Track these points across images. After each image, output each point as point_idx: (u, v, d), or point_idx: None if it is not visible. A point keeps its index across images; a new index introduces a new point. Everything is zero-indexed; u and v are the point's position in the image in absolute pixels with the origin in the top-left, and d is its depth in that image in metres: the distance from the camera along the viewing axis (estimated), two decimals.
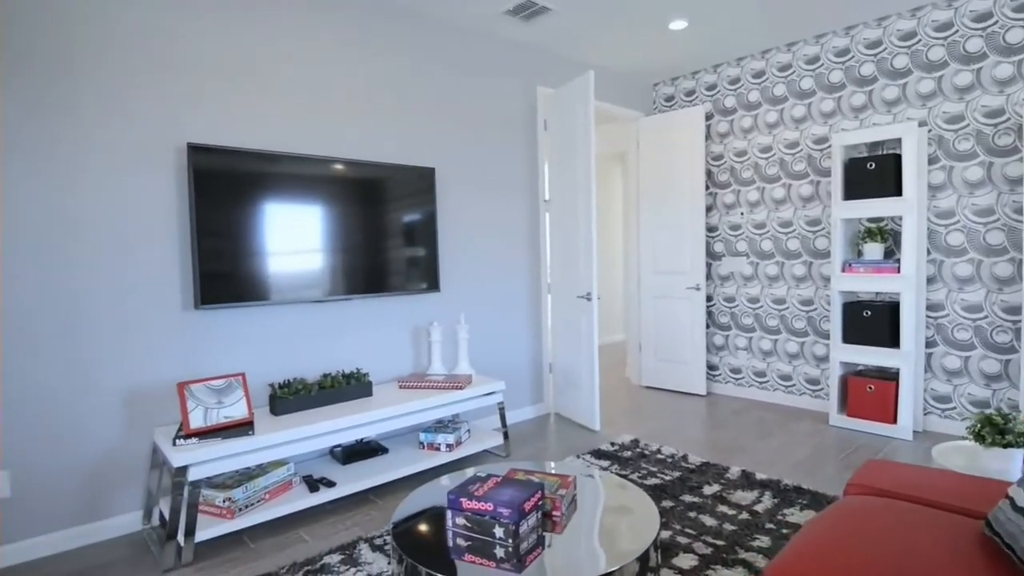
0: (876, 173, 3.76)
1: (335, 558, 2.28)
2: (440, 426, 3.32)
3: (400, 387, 3.27)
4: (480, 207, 3.94)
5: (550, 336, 4.37)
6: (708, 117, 4.89)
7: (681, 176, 4.83)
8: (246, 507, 2.49)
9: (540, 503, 1.97)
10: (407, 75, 3.55)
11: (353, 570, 2.19)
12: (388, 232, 3.33)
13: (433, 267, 3.53)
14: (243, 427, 2.52)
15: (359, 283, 3.21)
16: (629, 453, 3.40)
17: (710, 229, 4.89)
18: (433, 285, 3.53)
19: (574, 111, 3.94)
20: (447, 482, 2.30)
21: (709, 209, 4.90)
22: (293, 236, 2.96)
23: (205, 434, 2.43)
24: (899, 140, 3.83)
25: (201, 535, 2.33)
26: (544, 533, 1.95)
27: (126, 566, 2.33)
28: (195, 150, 2.66)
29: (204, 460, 2.32)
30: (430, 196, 3.51)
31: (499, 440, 3.40)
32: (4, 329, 2.32)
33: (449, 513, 1.92)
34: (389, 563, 2.25)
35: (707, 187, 4.90)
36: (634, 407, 4.50)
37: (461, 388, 3.21)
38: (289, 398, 2.78)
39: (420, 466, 3.04)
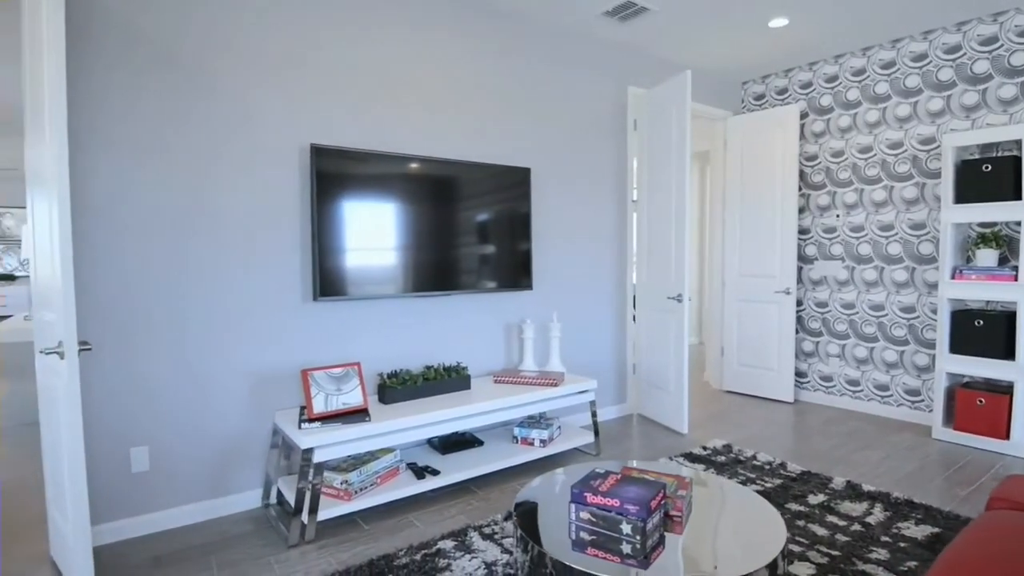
0: (992, 175, 3.56)
1: (448, 544, 2.36)
2: (532, 421, 3.37)
3: (495, 381, 3.34)
4: (569, 207, 3.96)
5: (634, 336, 4.35)
6: (802, 116, 4.75)
7: (771, 176, 4.71)
8: (360, 490, 2.60)
9: (663, 503, 1.98)
10: (503, 76, 3.61)
11: (468, 556, 2.26)
12: (487, 231, 3.40)
13: (527, 266, 3.58)
14: (359, 414, 2.63)
15: (458, 279, 3.30)
16: (723, 458, 3.35)
17: (802, 231, 4.75)
18: (526, 283, 3.58)
19: (668, 112, 3.91)
20: (561, 476, 2.34)
21: (801, 211, 4.76)
22: (400, 233, 3.07)
23: (327, 419, 2.55)
24: (1018, 142, 3.62)
25: (321, 515, 2.45)
26: (664, 533, 1.96)
27: (254, 540, 2.47)
28: (317, 151, 2.79)
29: (328, 443, 2.44)
30: (526, 196, 3.56)
31: (589, 438, 3.41)
32: (149, 314, 2.51)
33: (573, 507, 1.95)
34: (503, 552, 2.30)
35: (799, 188, 4.76)
36: (719, 412, 4.43)
37: (556, 385, 3.24)
38: (397, 388, 2.88)
39: (515, 460, 3.09)
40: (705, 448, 3.52)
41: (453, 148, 3.40)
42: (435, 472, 2.85)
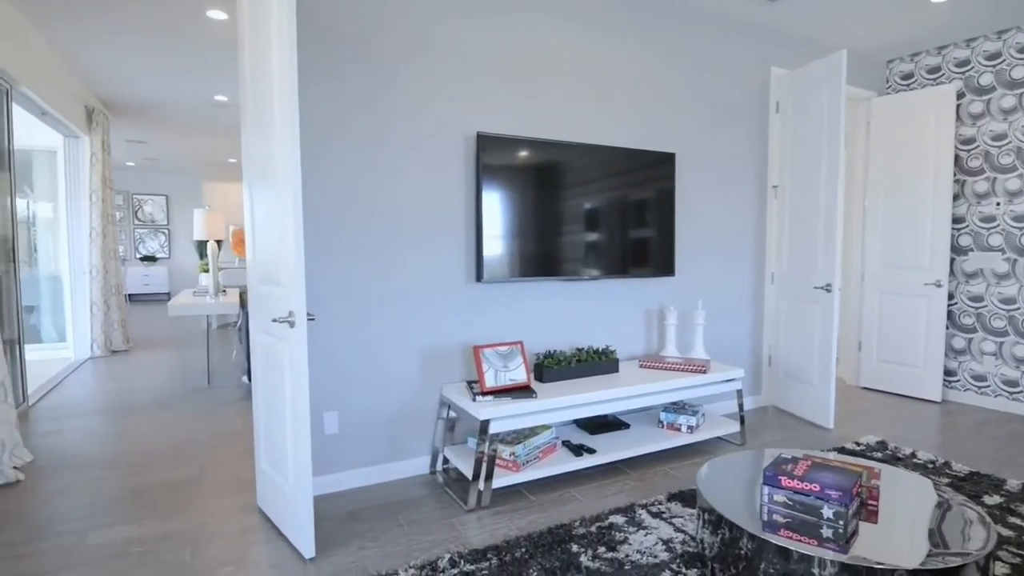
0: None
1: (619, 519, 2.44)
2: (677, 408, 3.38)
3: (640, 366, 3.38)
4: (708, 192, 3.92)
5: (768, 327, 4.25)
6: (958, 96, 4.43)
7: (922, 161, 4.44)
8: (526, 463, 2.73)
9: (860, 490, 1.96)
10: (646, 59, 3.61)
11: (642, 532, 2.33)
12: (632, 217, 3.43)
13: (669, 252, 3.59)
14: (524, 390, 2.76)
15: (604, 265, 3.36)
16: (879, 455, 3.24)
17: (955, 220, 4.45)
18: (668, 269, 3.59)
19: (818, 93, 3.77)
20: (727, 461, 2.36)
21: (954, 198, 4.46)
22: (551, 218, 3.17)
23: (497, 393, 2.69)
24: None
25: (494, 483, 2.60)
26: (859, 521, 1.95)
27: (430, 502, 2.66)
28: (481, 139, 2.93)
29: (502, 416, 2.58)
30: (670, 182, 3.56)
31: (733, 428, 3.39)
32: (341, 291, 2.74)
33: (766, 489, 1.97)
34: (676, 531, 2.35)
35: (953, 174, 4.46)
36: (860, 408, 4.26)
37: (704, 372, 3.24)
38: (554, 367, 2.99)
39: (662, 444, 3.13)
40: (858, 444, 3.41)
41: (600, 134, 3.45)
42: (591, 451, 2.94)
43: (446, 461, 3.04)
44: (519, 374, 2.82)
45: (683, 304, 3.84)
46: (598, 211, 3.31)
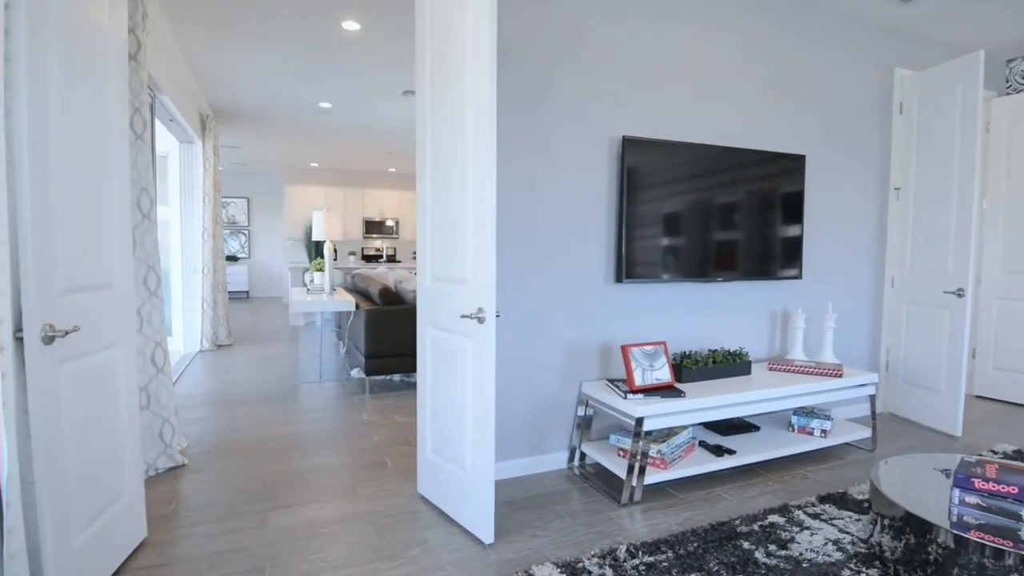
0: None
1: (777, 518, 2.47)
2: (807, 412, 3.38)
3: (769, 368, 3.39)
4: (832, 194, 3.89)
5: (887, 332, 4.17)
6: None
7: None
8: (672, 461, 2.79)
9: None
10: (774, 63, 3.60)
11: (807, 532, 2.36)
12: (762, 220, 3.45)
13: (797, 254, 3.58)
14: (669, 390, 2.81)
15: (735, 267, 3.38)
16: (1020, 464, 3.15)
17: None
18: (796, 272, 3.59)
19: (950, 94, 3.70)
20: (891, 465, 2.36)
21: None
22: (686, 221, 3.21)
23: (646, 392, 2.76)
24: None
25: (643, 480, 2.66)
26: None
27: (578, 495, 2.75)
28: (627, 142, 3.00)
29: (654, 414, 2.65)
30: (800, 184, 3.55)
31: (863, 433, 3.36)
32: (497, 289, 2.85)
33: (956, 491, 1.98)
34: (840, 532, 2.37)
35: None
36: (980, 417, 4.14)
37: (839, 376, 3.23)
38: (692, 368, 3.04)
39: (796, 448, 3.13)
40: (994, 452, 3.33)
41: (733, 136, 3.47)
42: (731, 451, 2.97)
43: (583, 457, 3.12)
44: (664, 374, 2.88)
45: (809, 307, 3.83)
46: (731, 214, 3.34)
